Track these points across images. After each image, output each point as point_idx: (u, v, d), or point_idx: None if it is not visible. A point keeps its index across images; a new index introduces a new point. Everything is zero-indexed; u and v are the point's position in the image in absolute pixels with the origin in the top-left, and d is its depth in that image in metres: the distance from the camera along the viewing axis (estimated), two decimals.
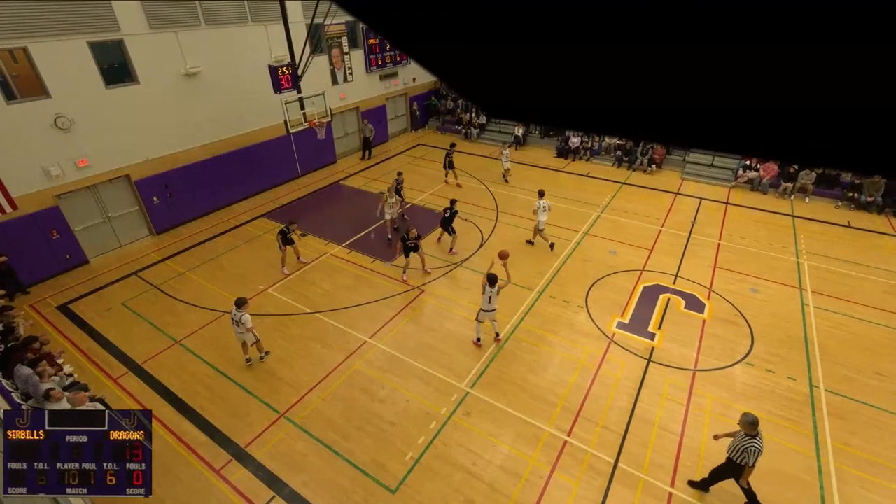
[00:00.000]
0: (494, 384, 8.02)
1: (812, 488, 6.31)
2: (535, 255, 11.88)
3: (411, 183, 16.80)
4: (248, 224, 14.10)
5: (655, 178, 17.35)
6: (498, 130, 21.99)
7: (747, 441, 5.46)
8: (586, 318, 9.63)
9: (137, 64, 12.01)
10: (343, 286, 10.87)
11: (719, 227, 13.51)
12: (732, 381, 8.07)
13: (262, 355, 8.59)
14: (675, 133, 0.60)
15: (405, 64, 21.49)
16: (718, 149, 0.57)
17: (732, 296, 10.27)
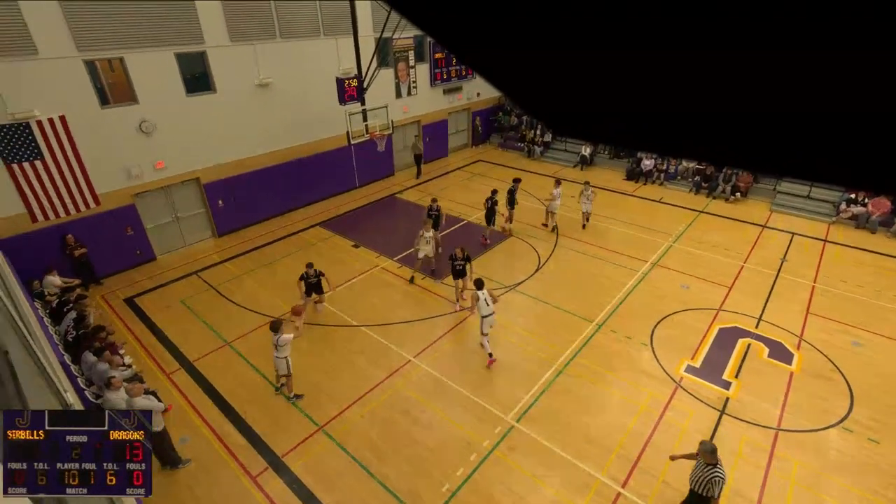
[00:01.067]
0: (543, 420, 7.74)
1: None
2: (598, 285, 11.47)
3: (467, 200, 16.94)
4: (304, 232, 14.83)
5: (739, 207, 16.29)
6: (564, 149, 21.75)
7: (709, 471, 5.35)
8: (651, 358, 9.10)
9: (216, 74, 13.20)
10: (391, 301, 11.07)
11: (815, 267, 12.37)
12: (825, 447, 7.24)
13: (292, 397, 8.22)
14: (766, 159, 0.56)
15: (470, 79, 21.95)
16: (818, 179, 0.53)
17: (828, 347, 9.30)
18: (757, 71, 0.42)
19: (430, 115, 20.84)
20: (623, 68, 0.50)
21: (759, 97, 0.44)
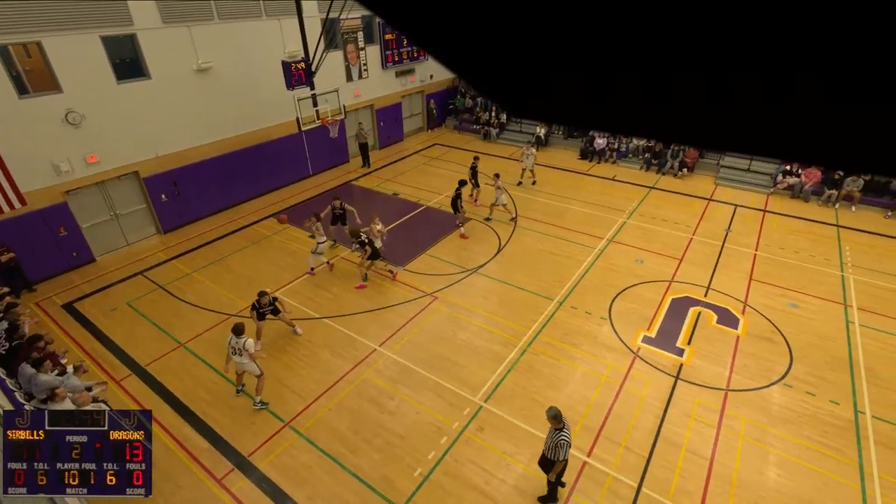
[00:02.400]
0: (510, 398, 7.96)
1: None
2: (557, 263, 11.79)
3: (425, 184, 16.88)
4: (257, 224, 14.33)
5: (687, 182, 17.09)
6: (519, 130, 21.96)
7: (557, 436, 5.66)
8: (610, 331, 9.50)
9: (149, 59, 12.37)
10: (353, 291, 10.94)
11: (756, 236, 13.22)
12: (769, 403, 7.86)
13: (258, 403, 7.88)
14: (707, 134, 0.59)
15: (422, 60, 21.66)
16: (754, 152, 0.56)
17: (770, 311, 10.02)
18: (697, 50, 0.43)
19: (383, 99, 20.47)
20: (575, 49, 0.51)
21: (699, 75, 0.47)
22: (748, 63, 0.43)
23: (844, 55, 0.38)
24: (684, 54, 0.45)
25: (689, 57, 0.45)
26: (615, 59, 0.49)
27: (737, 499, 6.36)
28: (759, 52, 0.41)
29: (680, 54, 0.45)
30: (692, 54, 0.44)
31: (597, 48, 0.49)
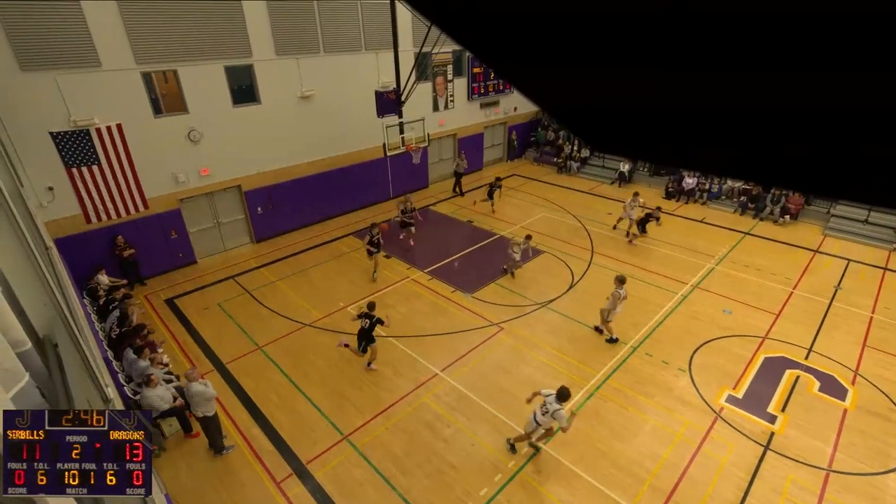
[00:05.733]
0: (572, 443, 7.52)
1: None
2: (634, 305, 11.15)
3: (500, 214, 16.91)
4: (338, 241, 15.15)
5: (789, 230, 15.54)
6: (601, 166, 21.43)
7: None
8: (688, 385, 8.73)
9: (261, 86, 13.80)
10: (420, 313, 11.10)
11: (873, 297, 11.61)
12: (882, 493, 6.70)
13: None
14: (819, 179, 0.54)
15: (508, 93, 22.05)
16: (876, 202, 0.50)
17: (887, 384, 8.66)
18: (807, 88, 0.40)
19: (466, 129, 21.02)
20: (664, 85, 0.50)
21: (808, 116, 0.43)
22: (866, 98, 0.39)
23: None
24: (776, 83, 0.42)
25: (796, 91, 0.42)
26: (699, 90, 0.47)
27: None
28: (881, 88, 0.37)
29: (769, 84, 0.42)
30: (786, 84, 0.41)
31: (679, 79, 0.47)
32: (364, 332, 8.86)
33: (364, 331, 8.85)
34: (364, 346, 8.97)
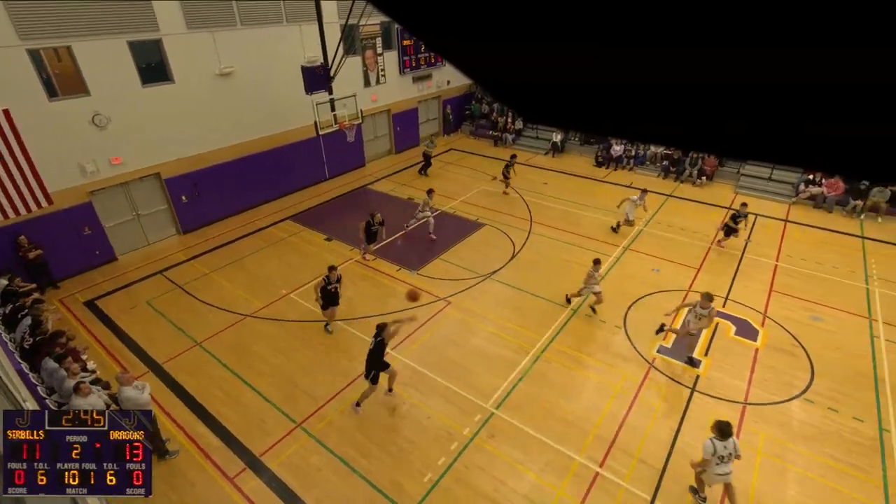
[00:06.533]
0: (522, 406, 7.89)
1: None
2: (572, 270, 11.69)
3: (440, 189, 16.92)
4: (273, 227, 14.52)
5: (706, 191, 16.82)
6: (535, 137, 21.92)
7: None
8: (624, 340, 9.37)
9: (174, 63, 12.67)
10: (367, 294, 11.00)
11: (777, 247, 12.93)
12: (789, 418, 7.65)
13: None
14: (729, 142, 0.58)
15: (440, 66, 21.79)
16: (776, 161, 0.55)
17: (791, 324, 9.78)
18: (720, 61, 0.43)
19: (399, 104, 20.63)
20: (593, 59, 0.51)
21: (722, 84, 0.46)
22: (770, 71, 0.42)
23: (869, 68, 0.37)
24: (704, 62, 0.44)
25: (708, 64, 0.45)
26: (634, 66, 0.49)
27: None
28: (784, 61, 0.41)
29: (699, 62, 0.45)
30: (712, 62, 0.44)
31: (615, 55, 0.49)
32: (372, 357, 7.54)
33: (372, 354, 7.52)
34: (374, 375, 7.56)
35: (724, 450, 5.87)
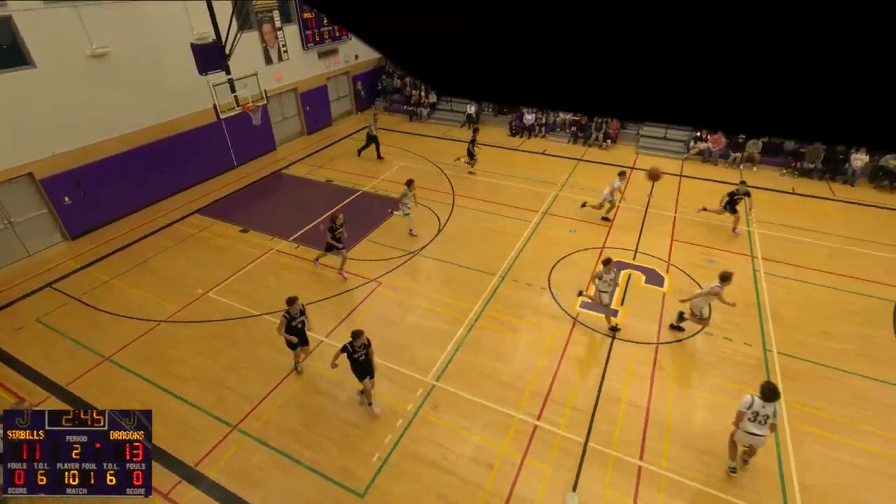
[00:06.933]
0: (461, 375, 8.14)
1: (769, 449, 6.89)
2: (497, 239, 12.05)
3: (360, 169, 16.52)
4: (180, 223, 13.38)
5: (611, 153, 17.97)
6: (450, 109, 21.94)
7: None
8: (550, 300, 9.92)
9: (32, 45, 10.96)
10: (293, 283, 10.58)
11: (674, 199, 14.23)
12: (693, 351, 8.62)
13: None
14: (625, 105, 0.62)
15: (345, 40, 20.89)
16: (666, 121, 0.60)
17: (691, 268, 10.91)
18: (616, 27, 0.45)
19: (307, 82, 19.58)
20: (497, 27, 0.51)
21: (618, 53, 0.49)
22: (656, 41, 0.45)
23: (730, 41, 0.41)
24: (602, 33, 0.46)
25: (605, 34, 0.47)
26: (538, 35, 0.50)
27: (671, 441, 6.98)
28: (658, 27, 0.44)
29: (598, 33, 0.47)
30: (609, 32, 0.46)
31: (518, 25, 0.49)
32: (362, 366, 7.14)
33: (361, 364, 7.11)
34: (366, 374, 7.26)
35: (762, 409, 5.87)
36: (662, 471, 6.61)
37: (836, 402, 7.59)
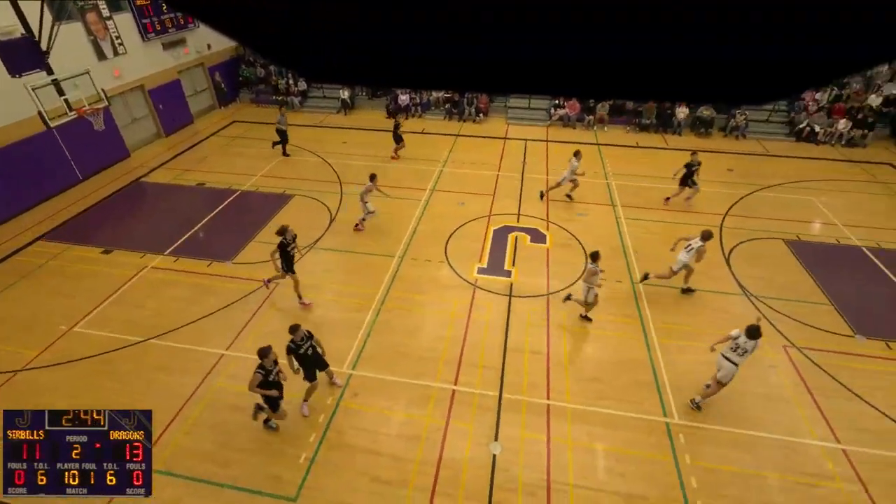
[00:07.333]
0: (376, 358, 8.10)
1: (645, 363, 7.98)
2: (391, 221, 11.99)
3: (234, 167, 15.16)
4: (21, 253, 11.18)
5: (484, 126, 18.71)
6: (322, 96, 20.95)
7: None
8: (449, 272, 10.22)
9: None
10: (178, 300, 9.52)
11: (545, 163, 15.35)
12: (577, 294, 9.54)
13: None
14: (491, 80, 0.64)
15: (192, 28, 18.67)
16: (525, 91, 0.64)
17: (566, 222, 11.95)
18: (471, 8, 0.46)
19: (154, 77, 17.21)
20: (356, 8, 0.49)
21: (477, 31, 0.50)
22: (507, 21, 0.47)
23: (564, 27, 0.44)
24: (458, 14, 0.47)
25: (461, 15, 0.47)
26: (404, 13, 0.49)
27: (571, 378, 7.74)
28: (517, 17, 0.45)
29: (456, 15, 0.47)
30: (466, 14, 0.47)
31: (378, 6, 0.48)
32: (312, 360, 6.86)
33: (311, 358, 6.82)
34: (312, 374, 6.96)
35: (744, 342, 6.53)
36: (567, 404, 7.32)
37: (685, 314, 9.01)
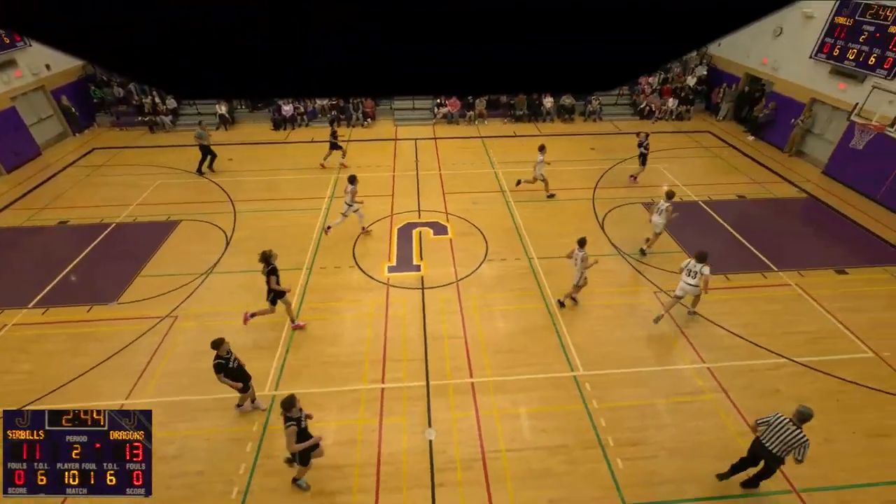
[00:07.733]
0: (299, 373, 7.70)
1: (549, 328, 8.61)
2: (293, 234, 11.38)
3: (102, 199, 13.22)
4: None
5: (373, 129, 18.51)
6: (196, 113, 19.03)
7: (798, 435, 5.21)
8: (360, 275, 10.02)
9: None
10: (56, 354, 8.13)
11: (436, 159, 15.66)
12: (483, 278, 9.96)
13: None
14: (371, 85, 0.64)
15: (23, 46, 15.76)
16: (403, 93, 0.65)
17: (463, 212, 12.35)
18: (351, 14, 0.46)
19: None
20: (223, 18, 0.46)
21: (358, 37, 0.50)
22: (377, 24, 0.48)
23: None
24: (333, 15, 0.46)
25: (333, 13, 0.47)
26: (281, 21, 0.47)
27: (489, 355, 8.08)
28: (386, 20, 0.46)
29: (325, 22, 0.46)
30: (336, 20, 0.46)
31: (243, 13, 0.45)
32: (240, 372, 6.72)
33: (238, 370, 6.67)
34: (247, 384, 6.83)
35: (693, 266, 7.95)
36: (488, 378, 7.65)
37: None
